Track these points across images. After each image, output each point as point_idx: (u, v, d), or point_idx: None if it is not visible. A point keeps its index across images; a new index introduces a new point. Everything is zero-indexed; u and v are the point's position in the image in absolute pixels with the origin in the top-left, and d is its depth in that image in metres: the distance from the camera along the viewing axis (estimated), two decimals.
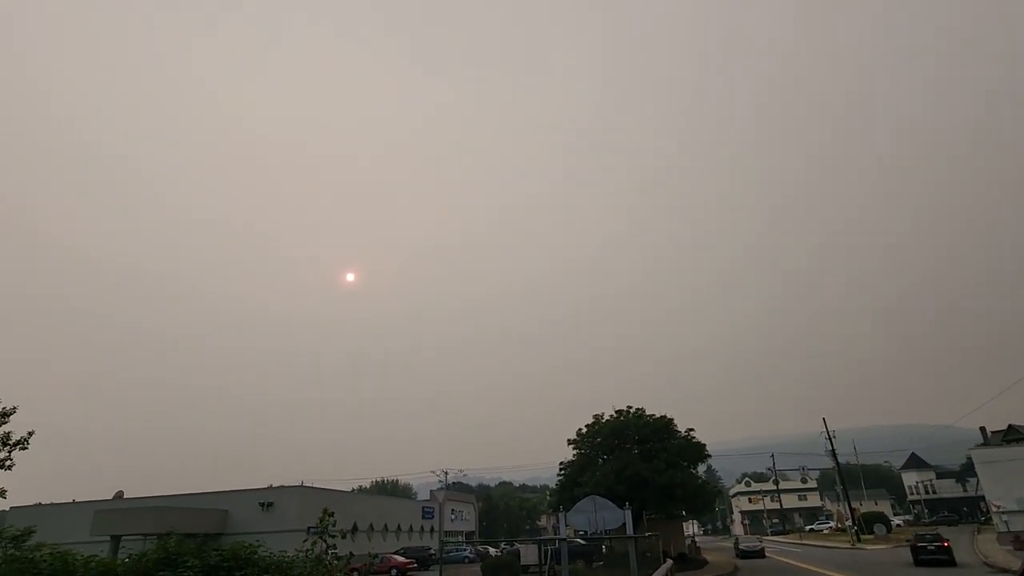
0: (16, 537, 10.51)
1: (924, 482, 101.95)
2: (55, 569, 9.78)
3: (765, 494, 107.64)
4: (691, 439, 40.68)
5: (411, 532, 65.89)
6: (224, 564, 9.99)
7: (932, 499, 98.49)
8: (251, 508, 46.89)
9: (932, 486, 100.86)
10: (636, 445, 40.54)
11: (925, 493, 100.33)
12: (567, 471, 42.27)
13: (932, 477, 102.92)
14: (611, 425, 41.53)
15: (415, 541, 63.28)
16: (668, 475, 36.74)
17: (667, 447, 39.08)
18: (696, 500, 38.94)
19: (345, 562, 9.71)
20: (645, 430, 40.61)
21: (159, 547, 10.12)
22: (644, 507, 36.73)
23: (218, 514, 46.38)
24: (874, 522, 60.45)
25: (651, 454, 38.76)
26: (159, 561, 9.73)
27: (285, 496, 47.90)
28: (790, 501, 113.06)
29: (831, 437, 62.28)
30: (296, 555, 9.91)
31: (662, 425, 40.88)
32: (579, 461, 41.91)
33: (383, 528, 59.96)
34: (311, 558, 9.44)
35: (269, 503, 47.01)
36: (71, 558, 10.17)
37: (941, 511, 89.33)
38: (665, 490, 36.72)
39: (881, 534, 57.50)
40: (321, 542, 9.55)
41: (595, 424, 42.68)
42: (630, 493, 34.38)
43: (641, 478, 36.37)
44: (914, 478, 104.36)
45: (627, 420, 41.38)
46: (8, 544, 10.46)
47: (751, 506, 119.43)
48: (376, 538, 57.28)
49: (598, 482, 36.40)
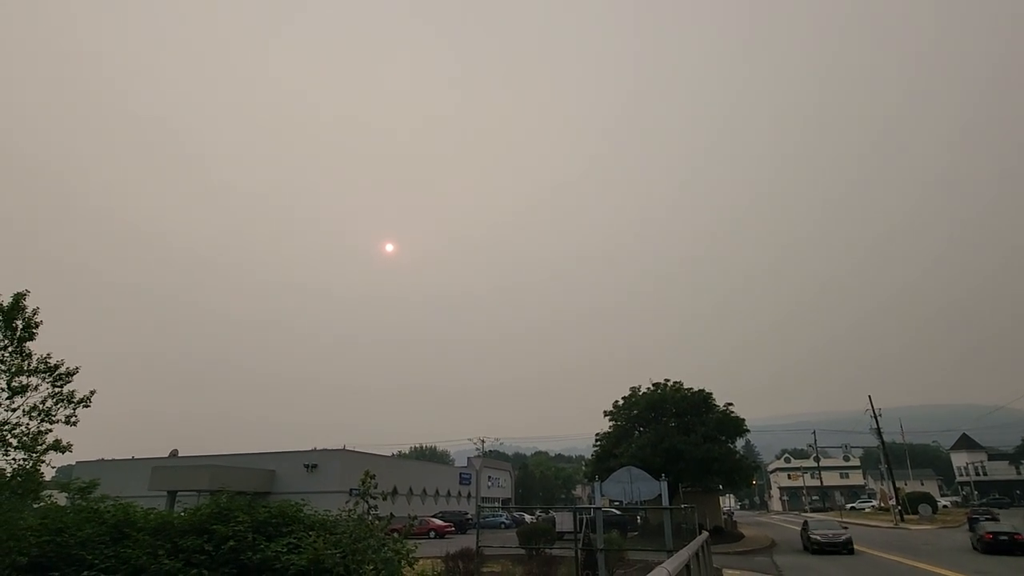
0: (82, 489, 11.21)
1: (974, 463, 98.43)
2: (118, 519, 10.40)
3: (805, 471, 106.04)
4: (730, 413, 40.17)
5: (448, 497, 67.60)
6: (272, 521, 10.44)
7: (982, 481, 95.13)
8: (296, 469, 48.89)
9: (983, 467, 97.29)
10: (673, 418, 40.26)
11: (975, 475, 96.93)
12: (603, 442, 42.43)
13: (983, 458, 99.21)
14: (648, 398, 41.31)
15: (452, 506, 64.96)
16: (705, 448, 36.47)
17: (705, 421, 38.71)
18: (733, 474, 38.59)
19: (386, 523, 10.00)
20: (683, 403, 40.26)
21: (212, 503, 10.63)
22: (680, 480, 36.65)
23: (266, 474, 48.54)
24: (919, 502, 58.81)
25: (688, 427, 38.48)
26: (212, 515, 10.23)
27: (328, 459, 49.71)
28: (831, 479, 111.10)
29: (877, 415, 60.56)
30: (339, 515, 10.27)
31: (700, 399, 40.45)
32: (615, 433, 41.97)
33: (422, 492, 61.70)
34: (353, 518, 9.77)
35: (314, 465, 48.89)
36: (132, 509, 10.80)
37: (992, 493, 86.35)
38: (701, 463, 36.50)
39: (927, 515, 56.00)
40: (363, 503, 9.86)
41: (632, 396, 42.55)
42: (666, 465, 34.30)
43: (677, 451, 36.23)
44: (964, 459, 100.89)
45: (664, 393, 41.08)
46: (76, 495, 11.18)
47: (790, 482, 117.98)
48: (415, 501, 59.04)
49: (634, 454, 36.42)
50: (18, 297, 11.66)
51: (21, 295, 11.70)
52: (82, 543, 9.74)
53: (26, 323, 11.68)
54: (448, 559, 17.09)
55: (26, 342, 11.65)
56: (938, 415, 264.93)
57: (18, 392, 11.30)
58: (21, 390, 11.33)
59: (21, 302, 11.68)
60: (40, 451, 11.30)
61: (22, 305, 11.68)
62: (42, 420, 11.41)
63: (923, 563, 24.09)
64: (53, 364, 11.79)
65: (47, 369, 11.70)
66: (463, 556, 17.23)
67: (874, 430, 61.10)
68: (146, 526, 10.28)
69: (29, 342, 11.69)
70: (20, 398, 11.34)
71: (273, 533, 10.17)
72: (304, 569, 9.28)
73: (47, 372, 11.70)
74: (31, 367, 11.57)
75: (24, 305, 11.71)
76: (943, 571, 21.77)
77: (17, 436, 11.08)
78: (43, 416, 11.43)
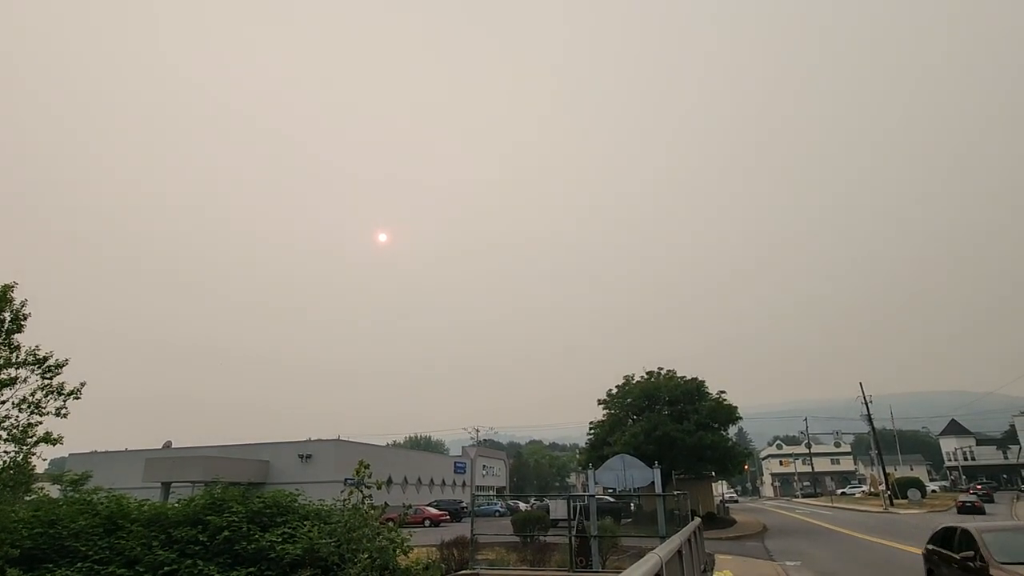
0: (75, 481, 11.22)
1: (963, 448, 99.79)
2: (111, 511, 10.39)
3: (797, 457, 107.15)
4: (722, 401, 40.43)
5: (443, 486, 67.95)
6: (266, 511, 10.46)
7: (970, 466, 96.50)
8: (291, 459, 48.91)
9: (971, 452, 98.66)
10: (666, 406, 40.49)
11: (964, 460, 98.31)
12: (597, 431, 42.64)
13: (972, 444, 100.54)
14: (641, 386, 41.51)
15: (447, 495, 65.32)
16: (698, 436, 36.72)
17: (698, 409, 38.95)
18: (726, 461, 38.91)
19: (380, 512, 10.04)
20: (676, 392, 40.48)
21: (206, 493, 10.63)
22: (673, 467, 36.93)
23: (260, 464, 48.55)
24: (908, 487, 59.62)
25: (681, 415, 38.72)
26: (206, 506, 10.23)
27: (323, 449, 49.74)
28: (822, 465, 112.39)
29: (867, 401, 61.21)
30: (334, 504, 10.29)
31: (693, 387, 40.67)
32: (609, 421, 42.17)
33: (416, 481, 61.97)
34: (348, 507, 9.79)
35: (308, 455, 48.93)
36: (125, 501, 10.78)
37: (980, 478, 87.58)
38: (695, 451, 36.78)
39: (915, 499, 56.79)
40: (357, 492, 9.88)
41: (625, 385, 42.73)
42: (659, 453, 34.53)
43: (671, 439, 36.47)
44: (953, 444, 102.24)
45: (658, 382, 41.29)
46: (68, 487, 11.15)
47: (782, 469, 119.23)
48: (410, 491, 59.30)
49: (627, 442, 36.63)
50: (5, 289, 11.53)
51: (8, 287, 11.57)
52: (75, 535, 9.74)
53: (14, 315, 11.57)
54: (443, 547, 17.16)
55: (14, 334, 11.54)
56: (928, 402, 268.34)
57: (7, 384, 11.22)
58: (10, 382, 11.24)
59: (9, 294, 11.55)
60: (30, 444, 11.24)
61: (10, 297, 11.57)
62: (32, 412, 11.33)
63: (901, 544, 24.40)
64: (42, 356, 11.70)
65: (36, 361, 11.61)
66: (458, 544, 17.30)
67: (865, 417, 61.82)
68: (140, 517, 10.27)
69: (17, 334, 11.58)
70: (9, 390, 11.26)
71: (268, 523, 10.18)
72: (299, 559, 9.31)
73: (36, 364, 11.61)
74: (19, 359, 11.47)
75: (12, 297, 11.59)
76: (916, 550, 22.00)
77: (7, 429, 11.02)
78: (33, 408, 11.36)
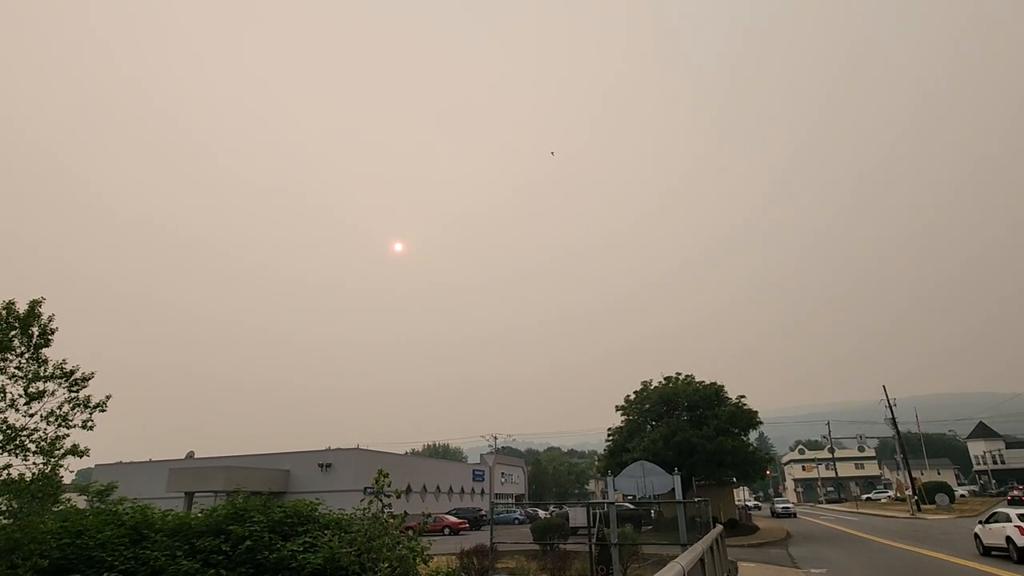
0: (101, 491, 11.41)
1: (992, 452, 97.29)
2: (136, 521, 10.57)
3: (820, 462, 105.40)
4: (742, 406, 39.98)
5: (462, 494, 67.85)
6: (287, 520, 10.57)
7: (1000, 469, 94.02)
8: (311, 469, 49.25)
9: (1001, 456, 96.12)
10: (685, 412, 40.15)
11: (993, 463, 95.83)
12: (615, 437, 42.37)
13: (1001, 447, 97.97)
14: (660, 392, 41.20)
15: (466, 502, 65.17)
16: (718, 442, 36.31)
17: (717, 414, 38.54)
18: (746, 467, 38.42)
19: (400, 520, 10.07)
20: (695, 397, 40.12)
21: (228, 503, 10.77)
22: (693, 473, 36.55)
23: (281, 474, 48.94)
24: (936, 492, 58.26)
25: (701, 421, 38.34)
26: (229, 516, 10.36)
27: (342, 458, 50.01)
28: (846, 470, 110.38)
29: (891, 405, 60.07)
30: (354, 513, 10.36)
31: (712, 392, 40.28)
32: (627, 427, 41.90)
33: (436, 489, 61.96)
34: (368, 516, 9.85)
35: (328, 464, 49.23)
36: (150, 511, 10.96)
37: (1010, 482, 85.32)
38: (714, 457, 36.36)
39: (944, 504, 55.46)
40: (377, 501, 9.93)
41: (644, 391, 42.46)
42: (679, 459, 34.22)
43: (690, 444, 36.12)
44: (981, 448, 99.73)
45: (676, 387, 40.95)
46: (94, 497, 11.34)
47: (805, 474, 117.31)
48: (429, 499, 59.32)
49: (646, 448, 36.36)
50: (34, 304, 11.79)
51: (36, 302, 11.83)
52: (102, 545, 9.91)
53: (42, 330, 11.81)
54: (463, 555, 17.18)
55: (42, 348, 11.78)
56: (954, 404, 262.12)
57: (35, 398, 11.44)
58: (38, 396, 11.47)
59: (37, 309, 11.81)
60: (58, 456, 11.44)
61: (38, 312, 11.81)
62: (59, 425, 11.55)
63: (930, 550, 23.88)
64: (69, 370, 11.93)
65: (63, 375, 11.83)
66: (477, 552, 17.31)
67: (889, 420, 60.67)
68: (164, 527, 10.43)
69: (45, 348, 11.82)
70: (37, 403, 11.48)
71: (289, 532, 10.29)
72: (320, 568, 9.38)
73: (63, 377, 11.82)
74: (47, 373, 11.71)
75: (40, 312, 11.85)
76: (946, 557, 21.56)
77: (35, 441, 11.23)
78: (60, 421, 11.56)
